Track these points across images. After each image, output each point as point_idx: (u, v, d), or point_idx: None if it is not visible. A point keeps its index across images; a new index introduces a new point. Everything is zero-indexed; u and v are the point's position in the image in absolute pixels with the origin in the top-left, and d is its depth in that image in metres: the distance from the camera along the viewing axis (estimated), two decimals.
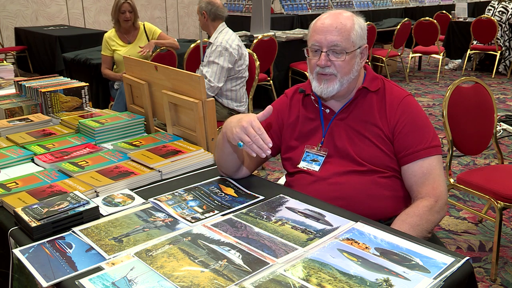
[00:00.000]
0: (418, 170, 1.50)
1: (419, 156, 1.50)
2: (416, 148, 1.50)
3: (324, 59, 1.50)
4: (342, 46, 1.49)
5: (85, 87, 2.34)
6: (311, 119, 1.64)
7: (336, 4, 8.60)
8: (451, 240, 2.74)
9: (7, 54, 7.64)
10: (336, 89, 1.53)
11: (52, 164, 1.68)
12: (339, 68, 1.51)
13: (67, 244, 1.22)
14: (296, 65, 5.63)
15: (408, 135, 1.52)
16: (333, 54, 1.51)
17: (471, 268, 1.11)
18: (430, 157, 1.51)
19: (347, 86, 1.55)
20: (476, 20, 6.79)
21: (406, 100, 1.57)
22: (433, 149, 1.52)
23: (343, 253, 1.14)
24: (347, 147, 1.55)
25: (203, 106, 1.80)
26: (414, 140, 1.51)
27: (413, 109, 1.56)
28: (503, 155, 3.16)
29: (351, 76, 1.54)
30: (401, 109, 1.55)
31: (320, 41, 1.51)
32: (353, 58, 1.52)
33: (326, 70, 1.51)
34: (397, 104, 1.55)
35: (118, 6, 3.94)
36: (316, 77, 1.55)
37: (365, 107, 1.58)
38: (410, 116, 1.54)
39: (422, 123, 1.55)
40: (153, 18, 9.33)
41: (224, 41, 3.37)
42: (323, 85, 1.53)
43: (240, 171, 1.61)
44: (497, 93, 6.13)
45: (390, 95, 1.58)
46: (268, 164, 3.82)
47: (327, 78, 1.52)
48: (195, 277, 1.06)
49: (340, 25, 1.50)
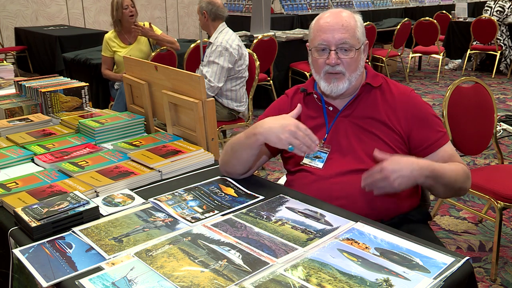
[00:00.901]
0: (445, 154, 1.56)
1: (439, 145, 1.56)
2: (434, 138, 1.56)
3: (335, 57, 1.51)
4: (350, 43, 1.51)
5: (85, 87, 2.34)
6: (313, 117, 1.64)
7: (336, 4, 8.60)
8: (451, 240, 2.74)
9: (7, 54, 7.64)
10: (346, 87, 1.55)
11: (52, 164, 1.68)
12: (348, 65, 1.53)
13: (67, 244, 1.22)
14: (296, 65, 5.63)
15: (423, 130, 1.57)
16: (342, 52, 1.52)
17: (471, 268, 1.11)
18: (447, 142, 1.58)
19: (354, 83, 1.57)
20: (476, 20, 6.79)
21: (413, 95, 1.62)
22: (446, 135, 1.59)
23: (343, 253, 1.14)
24: (352, 143, 1.56)
25: (203, 106, 1.80)
26: (430, 133, 1.57)
27: (420, 102, 1.61)
28: (503, 155, 3.16)
29: (357, 73, 1.56)
30: (412, 103, 1.59)
31: (328, 39, 1.51)
32: (359, 54, 1.55)
33: (336, 69, 1.53)
34: (407, 99, 1.60)
35: (120, 4, 3.92)
36: (324, 77, 1.55)
37: (369, 103, 1.59)
38: (420, 111, 1.58)
39: (430, 113, 1.61)
40: (153, 18, 9.32)
41: (224, 41, 3.37)
42: (333, 84, 1.54)
43: (248, 173, 1.61)
44: (497, 93, 6.13)
45: (396, 90, 1.61)
46: (268, 164, 3.82)
47: (336, 77, 1.54)
48: (195, 277, 1.06)
49: (346, 23, 1.52)
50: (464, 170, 1.52)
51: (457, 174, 1.48)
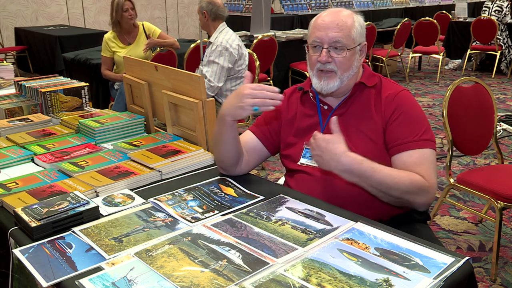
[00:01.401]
0: (408, 159, 1.48)
1: (408, 147, 1.49)
2: (405, 140, 1.50)
3: (325, 55, 1.51)
4: (343, 42, 1.50)
5: (85, 87, 2.34)
6: (309, 116, 1.65)
7: (336, 4, 8.61)
8: (451, 240, 2.74)
9: (7, 54, 7.64)
10: (336, 86, 1.54)
11: (52, 164, 1.68)
12: (340, 64, 1.52)
13: (67, 244, 1.22)
14: (296, 65, 5.63)
15: (399, 127, 1.52)
16: (334, 51, 1.52)
17: (471, 268, 1.11)
18: (420, 149, 1.49)
19: (346, 83, 1.56)
20: (476, 20, 6.79)
21: (402, 94, 1.58)
22: (424, 143, 1.50)
23: (343, 253, 1.14)
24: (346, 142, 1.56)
25: (203, 106, 1.80)
26: (404, 132, 1.51)
27: (407, 103, 1.56)
28: (503, 155, 3.16)
29: (350, 73, 1.55)
30: (396, 102, 1.55)
31: (321, 37, 1.51)
32: (353, 54, 1.54)
33: (327, 66, 1.52)
34: (393, 97, 1.56)
35: (120, 6, 3.93)
36: (316, 74, 1.56)
37: (362, 102, 1.59)
38: (403, 109, 1.54)
39: (416, 117, 1.55)
40: (153, 18, 9.32)
41: (224, 41, 3.37)
42: (323, 82, 1.54)
43: (240, 164, 1.61)
44: (497, 93, 6.13)
45: (386, 90, 1.59)
46: (268, 164, 3.81)
47: (327, 76, 1.54)
48: (195, 277, 1.06)
49: (341, 22, 1.51)
50: (414, 182, 1.41)
51: (398, 181, 1.39)
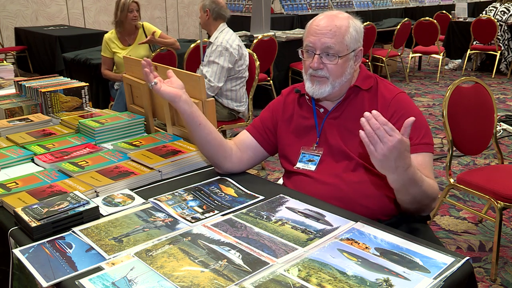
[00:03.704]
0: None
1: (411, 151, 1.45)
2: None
3: (317, 62, 1.50)
4: (335, 49, 1.49)
5: (85, 87, 2.34)
6: (306, 118, 1.65)
7: (336, 4, 8.60)
8: (451, 240, 2.74)
9: (7, 54, 7.64)
10: (328, 91, 1.53)
11: (52, 164, 1.68)
12: (331, 71, 1.51)
13: (67, 244, 1.22)
14: (296, 65, 5.63)
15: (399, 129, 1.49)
16: (326, 57, 1.51)
17: (471, 268, 1.11)
18: (421, 153, 1.48)
19: (339, 88, 1.55)
20: (476, 20, 6.79)
21: (399, 97, 1.56)
22: (423, 146, 1.49)
23: (343, 253, 1.14)
24: (341, 145, 1.56)
25: (203, 106, 1.80)
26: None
27: (405, 106, 1.55)
28: (503, 155, 3.16)
29: (343, 79, 1.53)
30: (394, 106, 1.53)
31: (314, 42, 1.50)
32: (346, 61, 1.52)
33: (318, 73, 1.52)
34: (389, 101, 1.55)
35: (126, 6, 3.93)
36: (309, 78, 1.56)
37: (356, 105, 1.58)
38: (402, 113, 1.52)
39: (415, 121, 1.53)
40: (153, 18, 9.32)
41: (224, 41, 3.38)
42: (315, 87, 1.54)
43: (229, 159, 1.61)
44: (497, 93, 6.13)
45: (382, 93, 1.57)
46: (268, 164, 3.81)
47: (319, 81, 1.53)
48: (195, 277, 1.06)
49: (335, 28, 1.49)
50: (437, 191, 1.42)
51: (433, 191, 1.39)
